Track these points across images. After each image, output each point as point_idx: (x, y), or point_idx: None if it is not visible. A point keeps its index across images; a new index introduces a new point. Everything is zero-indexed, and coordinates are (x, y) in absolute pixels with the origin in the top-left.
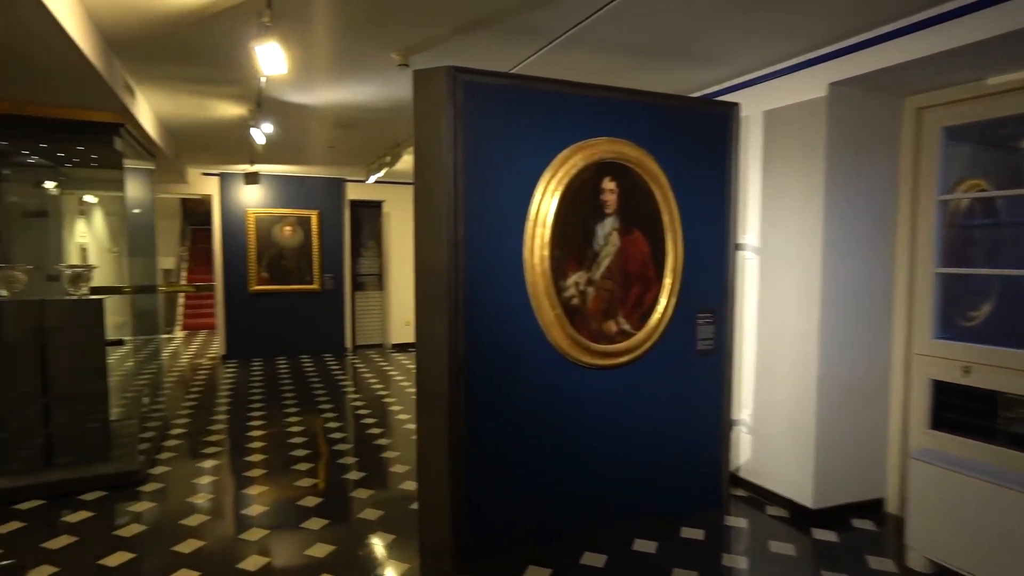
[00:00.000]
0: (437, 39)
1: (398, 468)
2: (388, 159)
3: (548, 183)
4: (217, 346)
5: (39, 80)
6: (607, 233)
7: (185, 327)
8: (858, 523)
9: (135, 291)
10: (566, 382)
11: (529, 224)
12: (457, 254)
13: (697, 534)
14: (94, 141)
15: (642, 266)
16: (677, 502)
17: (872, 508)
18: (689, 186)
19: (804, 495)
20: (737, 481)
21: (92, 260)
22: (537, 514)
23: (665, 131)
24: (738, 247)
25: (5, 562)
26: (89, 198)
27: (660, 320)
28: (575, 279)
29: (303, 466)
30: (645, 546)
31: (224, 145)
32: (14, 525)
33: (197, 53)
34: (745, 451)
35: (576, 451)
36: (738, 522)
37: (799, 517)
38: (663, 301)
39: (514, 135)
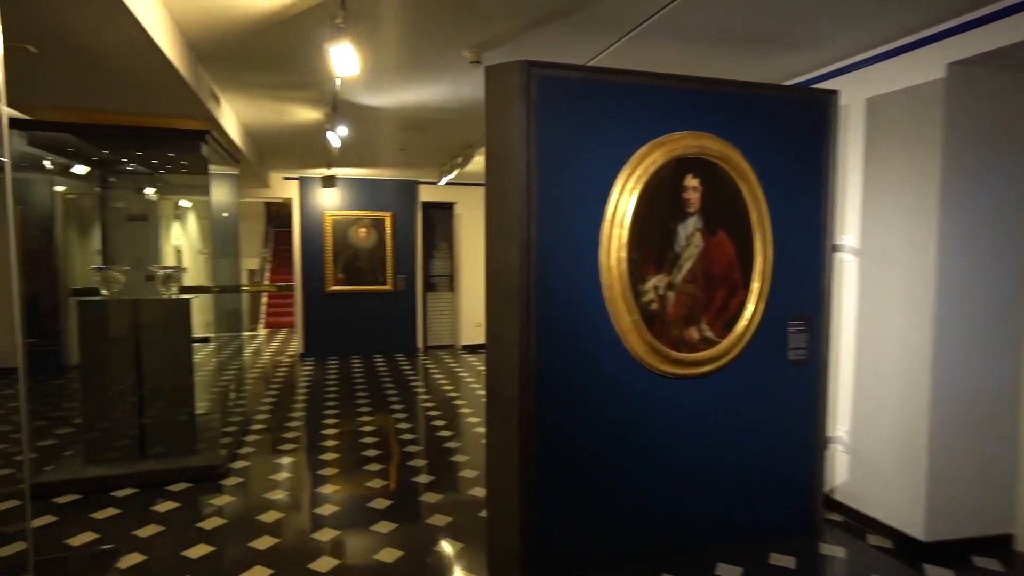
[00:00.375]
0: (510, 34)
1: (467, 473)
2: (460, 160)
3: (626, 181)
4: (296, 344)
5: (133, 91)
6: (689, 234)
7: (267, 325)
8: (980, 562)
9: (220, 291)
10: (643, 391)
11: (605, 224)
12: (529, 255)
13: (787, 562)
14: (183, 148)
15: (727, 269)
16: (765, 525)
17: (998, 545)
18: (780, 183)
19: (913, 525)
20: (832, 504)
21: (185, 261)
22: (611, 530)
23: (753, 123)
24: (835, 248)
25: (107, 546)
26: (184, 203)
27: (747, 327)
28: (654, 282)
29: (374, 466)
30: (729, 572)
31: (303, 149)
32: (111, 511)
33: (276, 59)
34: (841, 472)
35: (654, 465)
36: (834, 551)
37: (907, 550)
38: (750, 307)
39: (590, 131)
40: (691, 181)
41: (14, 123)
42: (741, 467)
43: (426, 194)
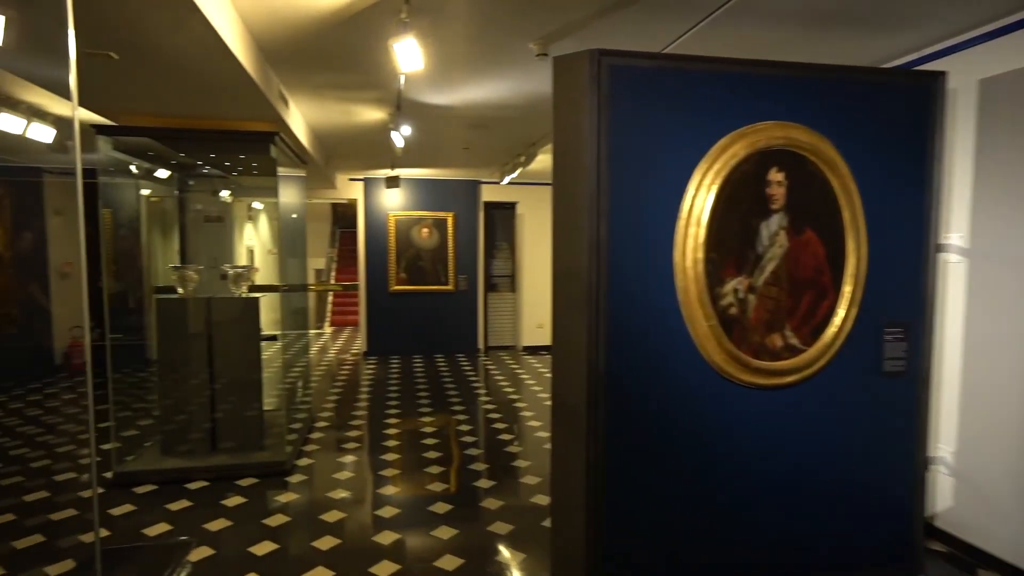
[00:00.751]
0: (578, 23)
1: (529, 479)
2: (523, 159)
3: (703, 176)
4: (359, 343)
5: (205, 94)
6: (773, 232)
7: (333, 323)
8: None
9: (288, 289)
10: (721, 402)
11: (681, 223)
12: (599, 256)
13: None
14: (253, 150)
15: (815, 271)
16: (856, 552)
17: None
18: (877, 176)
19: None
20: (933, 532)
21: (256, 261)
22: (683, 549)
23: (846, 111)
24: (939, 248)
25: (182, 538)
26: (256, 204)
27: (837, 334)
28: (733, 285)
29: (435, 469)
30: None
31: (367, 150)
32: (184, 503)
33: (341, 58)
34: (944, 497)
35: (731, 481)
36: None
37: None
38: (841, 312)
39: (665, 123)
40: (776, 175)
41: (99, 129)
42: (829, 487)
43: (488, 194)
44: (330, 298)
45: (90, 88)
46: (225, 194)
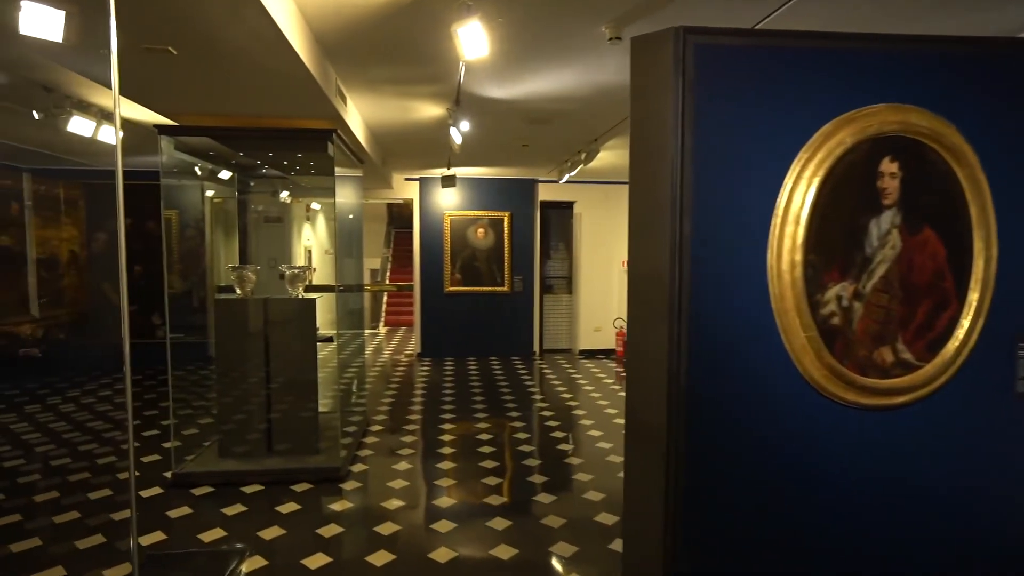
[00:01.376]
0: (656, 2)
1: (592, 495)
2: (583, 156)
3: (803, 167)
4: (414, 343)
5: (264, 91)
6: (884, 232)
7: (387, 323)
8: None
9: (343, 290)
10: (819, 423)
11: (776, 220)
12: (681, 258)
13: None
14: (311, 148)
15: (934, 276)
16: None
17: None
18: (1013, 165)
19: None
20: None
21: (314, 261)
22: None
23: (975, 90)
24: None
25: (238, 545)
26: (315, 205)
27: (960, 349)
28: (836, 292)
29: (491, 480)
30: None
31: (424, 148)
32: (239, 508)
33: (401, 49)
34: None
35: (833, 514)
36: None
37: None
38: (965, 324)
39: (758, 108)
40: (889, 166)
41: (161, 129)
42: (949, 524)
43: (545, 193)
44: (385, 298)
45: (151, 88)
46: (284, 195)
